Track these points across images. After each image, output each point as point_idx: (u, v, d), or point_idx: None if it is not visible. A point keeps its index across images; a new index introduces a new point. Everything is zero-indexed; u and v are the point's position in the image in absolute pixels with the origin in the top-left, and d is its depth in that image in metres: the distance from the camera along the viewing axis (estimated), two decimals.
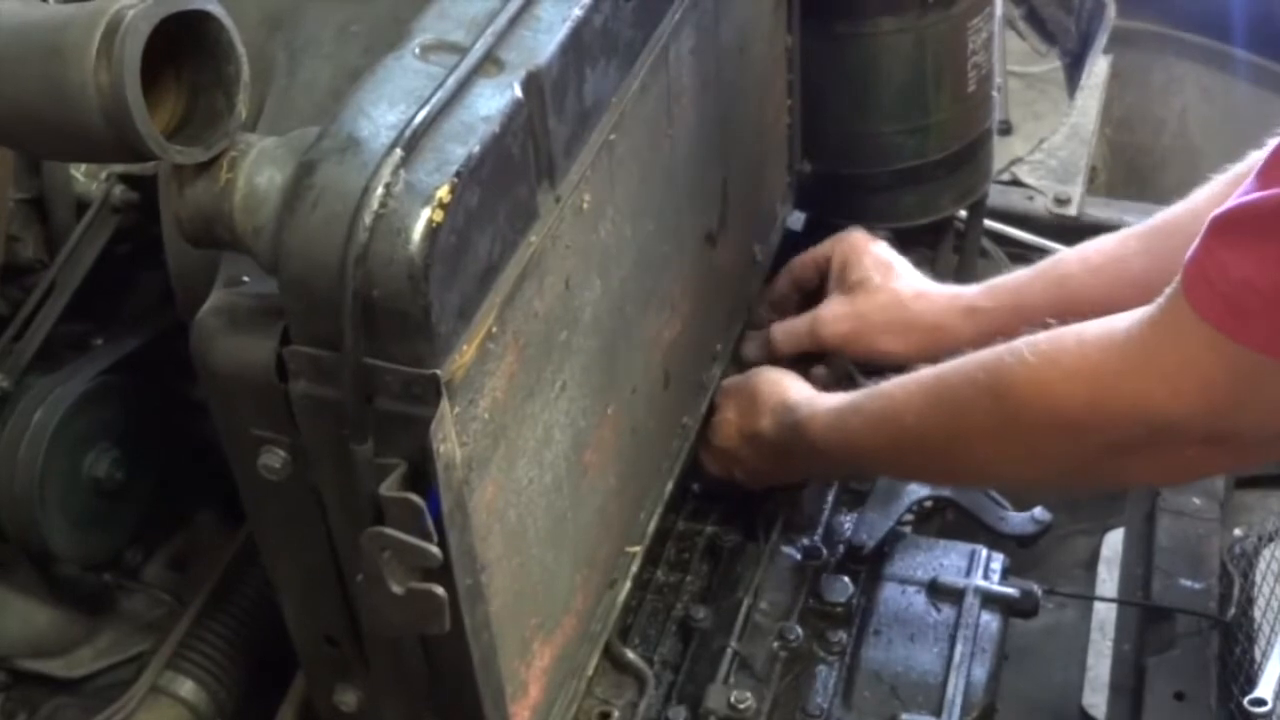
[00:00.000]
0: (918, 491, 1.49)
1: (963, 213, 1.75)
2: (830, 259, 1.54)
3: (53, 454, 1.29)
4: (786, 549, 1.43)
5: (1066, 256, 1.41)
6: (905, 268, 1.51)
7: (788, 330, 1.53)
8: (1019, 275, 1.43)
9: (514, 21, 0.96)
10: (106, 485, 1.34)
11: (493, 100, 0.91)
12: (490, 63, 0.93)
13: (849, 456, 1.34)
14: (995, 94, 1.70)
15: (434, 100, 0.88)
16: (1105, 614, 1.60)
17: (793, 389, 1.40)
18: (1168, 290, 1.00)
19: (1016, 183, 2.03)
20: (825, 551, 1.43)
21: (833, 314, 1.51)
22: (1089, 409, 1.05)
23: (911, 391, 1.22)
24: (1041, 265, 1.42)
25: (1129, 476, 1.44)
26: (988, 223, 1.80)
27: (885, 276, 1.49)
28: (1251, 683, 1.37)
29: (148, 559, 1.45)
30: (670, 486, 1.37)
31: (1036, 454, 1.14)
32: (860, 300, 1.49)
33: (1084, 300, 1.31)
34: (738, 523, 1.47)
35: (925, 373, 1.22)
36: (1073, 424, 1.06)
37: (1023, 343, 1.10)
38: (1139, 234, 1.35)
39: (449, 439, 0.88)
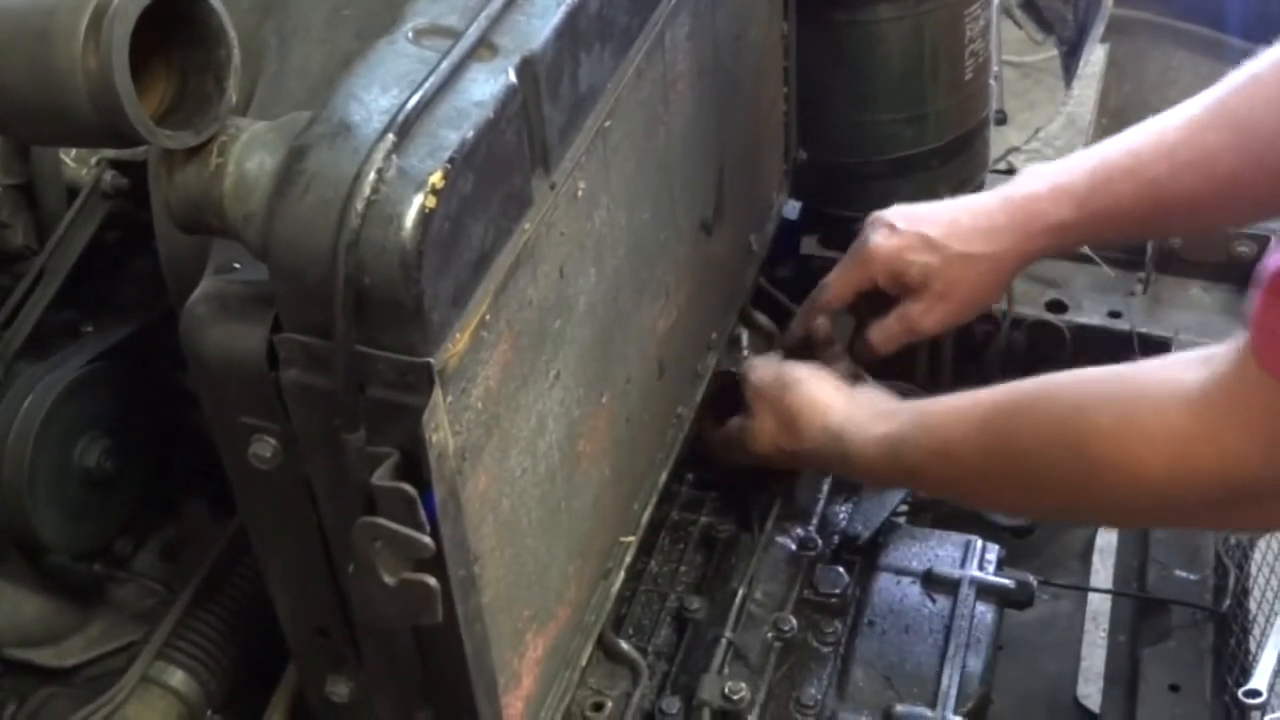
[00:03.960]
0: None
1: None
2: (872, 279, 1.44)
3: (42, 443, 1.28)
4: (781, 539, 1.43)
5: (1147, 154, 1.30)
6: (940, 218, 1.39)
7: (883, 333, 1.46)
8: (1102, 173, 1.32)
9: (508, 6, 0.95)
10: (96, 474, 1.33)
11: (487, 85, 0.90)
12: (484, 47, 0.92)
13: (902, 483, 1.37)
14: (992, 83, 1.70)
15: (427, 85, 0.87)
16: (1100, 605, 1.60)
17: (833, 410, 1.34)
18: (1235, 347, 0.99)
19: (1013, 172, 2.02)
20: (820, 542, 1.43)
21: (924, 311, 1.41)
22: (1169, 472, 1.04)
23: (968, 433, 1.19)
24: (1123, 163, 1.31)
25: (1206, 526, 1.44)
26: None
27: (939, 255, 1.38)
28: (1246, 674, 1.37)
29: (138, 548, 1.43)
30: (664, 476, 1.36)
31: (1115, 509, 1.14)
32: (937, 291, 1.40)
33: (1174, 204, 1.29)
34: (732, 513, 1.47)
35: (977, 407, 1.19)
36: (1154, 485, 1.06)
37: (1088, 395, 1.09)
38: (1215, 125, 1.27)
39: (442, 428, 0.87)
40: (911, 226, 1.40)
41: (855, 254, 1.44)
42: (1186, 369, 1.04)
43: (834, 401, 1.35)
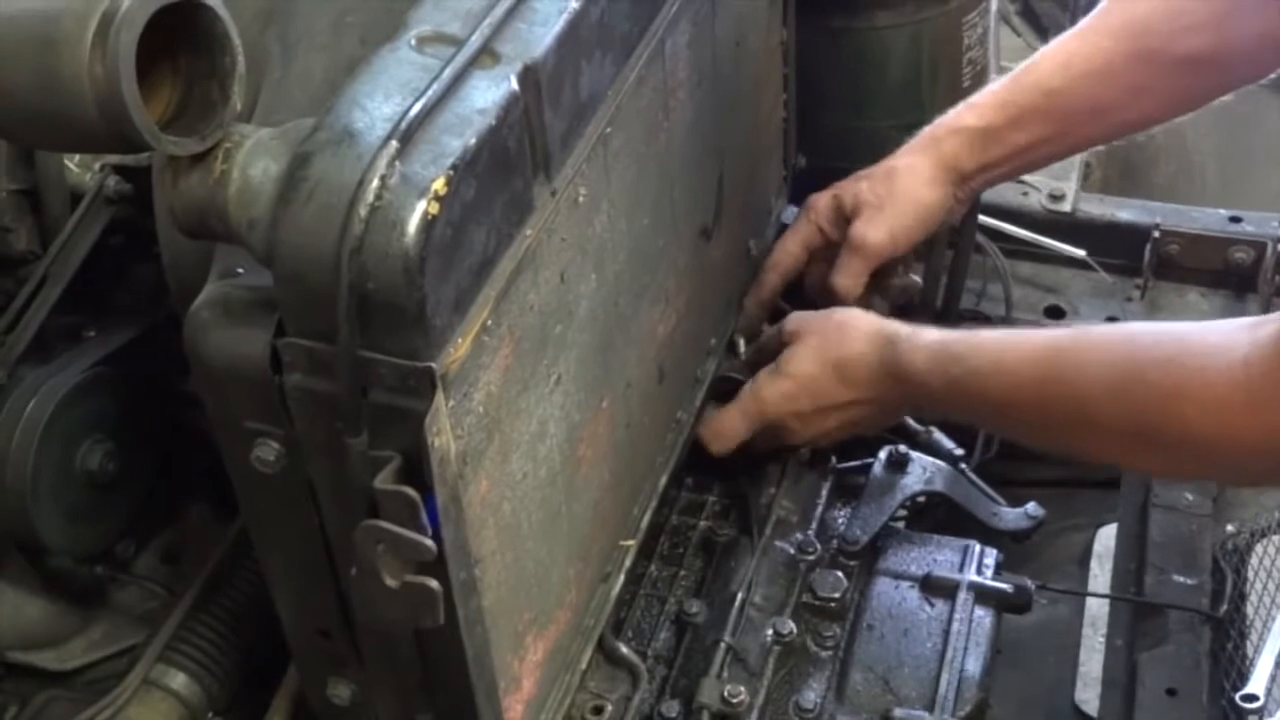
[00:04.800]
0: (911, 487, 1.49)
1: None
2: (816, 227, 1.52)
3: (45, 446, 1.29)
4: (780, 544, 1.43)
5: (1044, 66, 1.41)
6: (867, 166, 1.49)
7: (840, 269, 1.49)
8: (1001, 89, 1.43)
9: (510, 14, 0.96)
10: (99, 477, 1.34)
11: (489, 93, 0.91)
12: (486, 55, 0.93)
13: (945, 398, 1.31)
14: None
15: (430, 92, 0.88)
16: (1098, 610, 1.60)
17: (886, 320, 1.38)
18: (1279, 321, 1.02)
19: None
20: (819, 546, 1.43)
21: (865, 224, 1.47)
22: (1214, 438, 1.07)
23: (1022, 367, 1.21)
24: (1022, 78, 1.42)
25: (1258, 485, 1.51)
26: (982, 218, 1.80)
27: (866, 179, 1.47)
28: (1243, 678, 1.37)
29: (140, 551, 1.44)
30: (664, 481, 1.36)
31: (1166, 465, 1.20)
32: (873, 205, 1.46)
33: (1076, 113, 1.40)
34: (732, 517, 1.47)
35: (1033, 344, 1.22)
36: (1200, 448, 1.09)
37: (1143, 352, 1.12)
38: (1109, 31, 1.37)
39: (444, 432, 0.88)
40: (845, 178, 1.51)
41: (796, 215, 1.53)
42: (1235, 337, 1.06)
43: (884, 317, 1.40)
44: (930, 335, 1.31)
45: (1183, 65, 1.35)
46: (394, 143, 0.84)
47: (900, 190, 1.45)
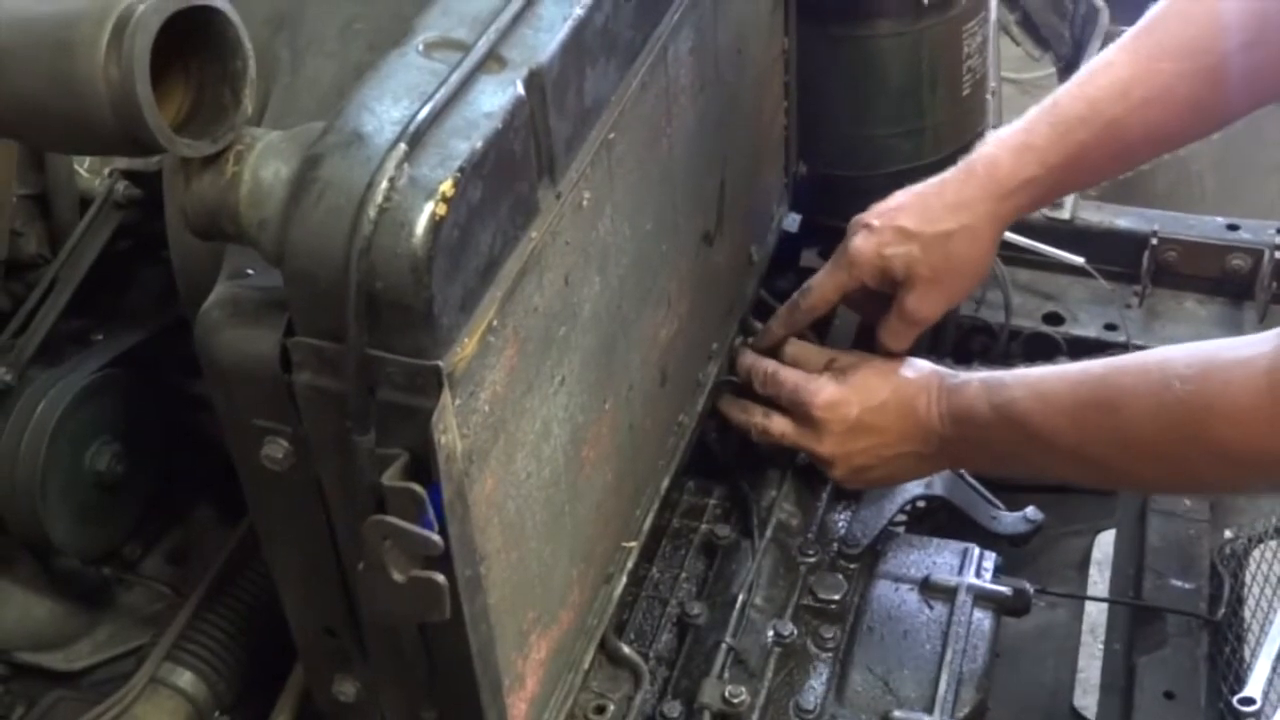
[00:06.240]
0: (911, 490, 1.50)
1: None
2: (857, 279, 1.44)
3: (54, 447, 1.30)
4: (781, 546, 1.44)
5: (1102, 98, 1.33)
6: (912, 206, 1.40)
7: (891, 333, 1.45)
8: (1061, 126, 1.34)
9: (516, 20, 0.97)
10: (107, 479, 1.36)
11: (495, 97, 0.92)
12: (493, 60, 0.94)
13: (993, 426, 1.29)
14: (989, 98, 1.72)
15: (437, 96, 0.89)
16: (1097, 616, 1.60)
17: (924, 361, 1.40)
18: None
19: None
20: (819, 549, 1.44)
21: (919, 300, 1.41)
22: (1246, 452, 1.08)
23: (1061, 390, 1.22)
24: (1080, 111, 1.33)
25: None
26: None
27: (917, 242, 1.38)
28: (1241, 682, 1.38)
29: (147, 552, 1.46)
30: (666, 483, 1.38)
31: (1205, 483, 1.23)
32: (925, 277, 1.39)
33: (1135, 140, 1.34)
34: (733, 520, 1.48)
35: (1074, 371, 1.22)
36: (1235, 463, 1.10)
37: (1174, 368, 1.12)
38: (1166, 54, 1.31)
39: (450, 430, 0.89)
40: (887, 221, 1.40)
41: (838, 258, 1.45)
42: (1258, 348, 1.07)
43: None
44: (981, 371, 1.33)
45: (1241, 80, 1.30)
46: (402, 145, 0.86)
47: (957, 261, 1.39)
